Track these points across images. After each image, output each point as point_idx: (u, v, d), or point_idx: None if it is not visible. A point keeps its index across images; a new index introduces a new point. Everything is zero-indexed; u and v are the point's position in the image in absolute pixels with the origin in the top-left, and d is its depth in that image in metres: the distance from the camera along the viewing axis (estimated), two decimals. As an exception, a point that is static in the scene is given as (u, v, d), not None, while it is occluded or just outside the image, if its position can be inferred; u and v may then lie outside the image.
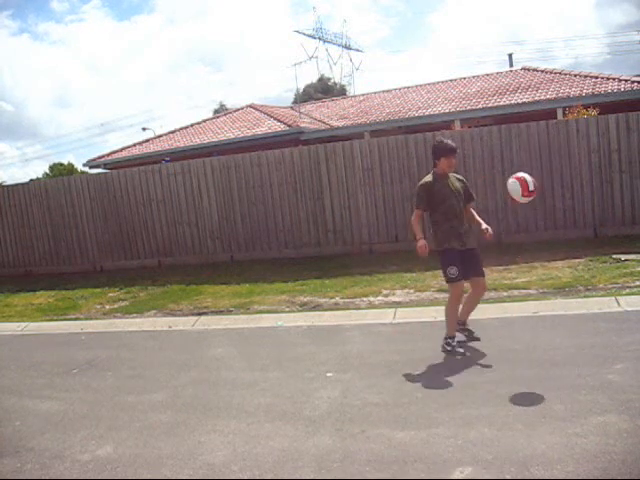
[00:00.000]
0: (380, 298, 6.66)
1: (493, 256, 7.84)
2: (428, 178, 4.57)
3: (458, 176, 4.71)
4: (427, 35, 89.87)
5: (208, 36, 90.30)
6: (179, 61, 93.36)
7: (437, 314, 5.23)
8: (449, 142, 4.52)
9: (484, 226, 4.43)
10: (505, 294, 6.19)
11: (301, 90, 34.52)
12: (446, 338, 4.47)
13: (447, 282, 4.48)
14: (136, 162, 15.59)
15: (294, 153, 9.64)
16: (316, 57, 39.09)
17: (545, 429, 3.03)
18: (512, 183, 4.27)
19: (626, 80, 13.73)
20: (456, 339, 4.46)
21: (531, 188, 4.18)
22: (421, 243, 4.34)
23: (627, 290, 5.74)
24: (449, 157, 4.46)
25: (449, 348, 4.42)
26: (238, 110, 20.66)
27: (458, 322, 4.56)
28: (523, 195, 4.22)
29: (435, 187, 4.48)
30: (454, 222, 4.43)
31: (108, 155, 18.79)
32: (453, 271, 4.35)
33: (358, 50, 41.42)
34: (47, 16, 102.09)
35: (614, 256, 7.10)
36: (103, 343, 6.11)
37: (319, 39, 39.25)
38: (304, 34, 38.92)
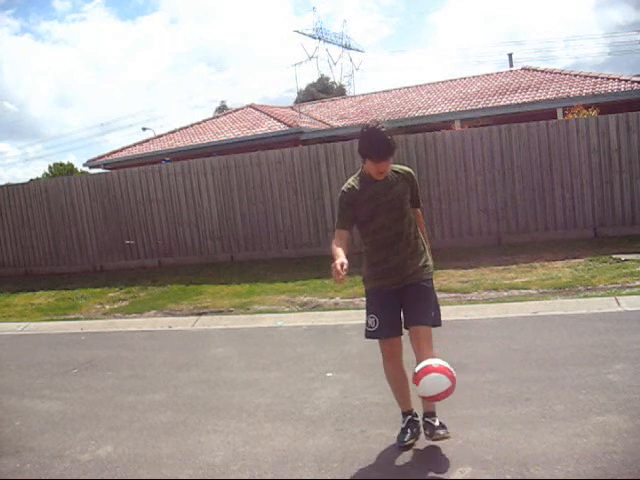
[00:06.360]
0: (380, 298, 6.65)
1: (493, 256, 7.86)
2: (350, 182, 3.02)
3: (404, 169, 3.05)
4: (428, 35, 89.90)
5: (210, 36, 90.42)
6: (181, 61, 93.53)
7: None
8: (379, 136, 2.77)
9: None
10: (505, 294, 6.20)
11: (302, 90, 34.51)
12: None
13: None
14: (136, 162, 15.57)
15: (294, 153, 9.64)
16: (316, 57, 39.05)
17: (545, 429, 3.03)
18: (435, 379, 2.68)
19: (626, 80, 13.73)
20: (406, 418, 3.04)
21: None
22: (337, 261, 2.68)
23: (627, 290, 5.74)
24: (376, 163, 2.83)
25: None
26: (238, 110, 20.67)
27: (402, 410, 3.06)
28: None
29: (362, 196, 2.94)
30: (385, 252, 3.05)
31: (108, 155, 18.79)
32: (371, 322, 3.02)
33: (358, 50, 41.41)
34: (49, 15, 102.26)
35: (614, 256, 7.10)
36: (103, 343, 6.11)
37: (319, 39, 39.22)
38: (304, 34, 38.90)
